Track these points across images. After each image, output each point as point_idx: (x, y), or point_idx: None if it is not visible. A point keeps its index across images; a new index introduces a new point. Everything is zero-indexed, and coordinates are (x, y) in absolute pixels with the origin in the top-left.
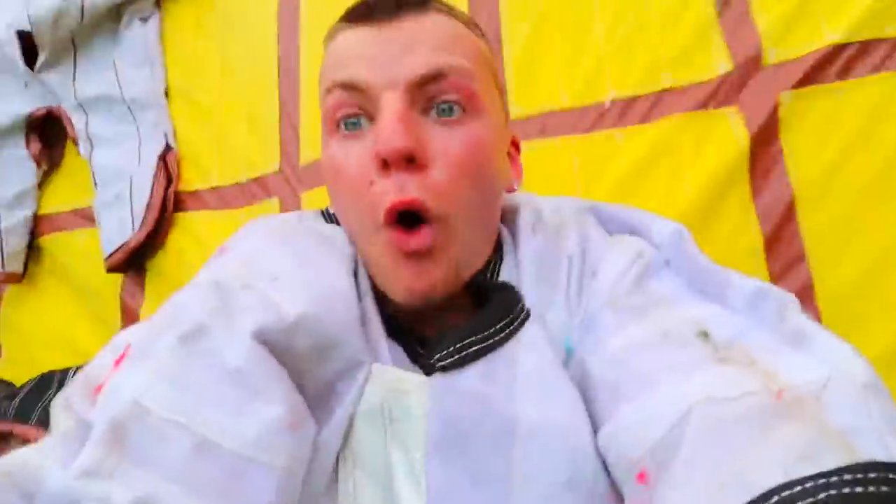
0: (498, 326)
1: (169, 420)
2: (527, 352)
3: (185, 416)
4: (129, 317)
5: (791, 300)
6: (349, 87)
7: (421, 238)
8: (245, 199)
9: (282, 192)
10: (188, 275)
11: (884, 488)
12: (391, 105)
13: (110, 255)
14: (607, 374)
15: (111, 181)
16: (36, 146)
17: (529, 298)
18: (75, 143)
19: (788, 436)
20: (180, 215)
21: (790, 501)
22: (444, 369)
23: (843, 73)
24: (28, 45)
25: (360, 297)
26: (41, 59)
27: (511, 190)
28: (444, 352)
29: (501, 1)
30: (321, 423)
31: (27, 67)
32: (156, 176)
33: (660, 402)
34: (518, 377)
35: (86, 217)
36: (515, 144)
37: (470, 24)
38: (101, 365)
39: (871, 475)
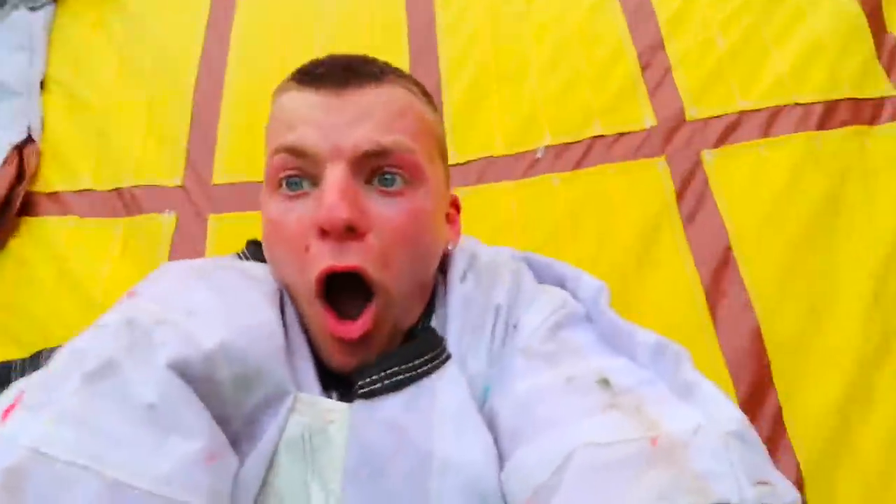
0: (420, 360)
1: (74, 464)
2: (446, 389)
3: (92, 459)
4: None
5: (685, 354)
6: (295, 151)
7: (362, 325)
8: (125, 209)
9: (181, 209)
10: (26, 293)
11: None
12: (335, 176)
13: None
14: (511, 416)
15: None
16: None
17: (453, 345)
18: None
19: (654, 479)
20: (30, 220)
21: None
22: (366, 396)
23: (765, 131)
24: None
25: (286, 329)
26: None
27: (447, 251)
28: (367, 379)
29: (441, 49)
30: (243, 457)
31: None
32: (3, 167)
33: (548, 445)
34: (436, 411)
35: None
36: (456, 205)
37: (419, 92)
38: None
39: None
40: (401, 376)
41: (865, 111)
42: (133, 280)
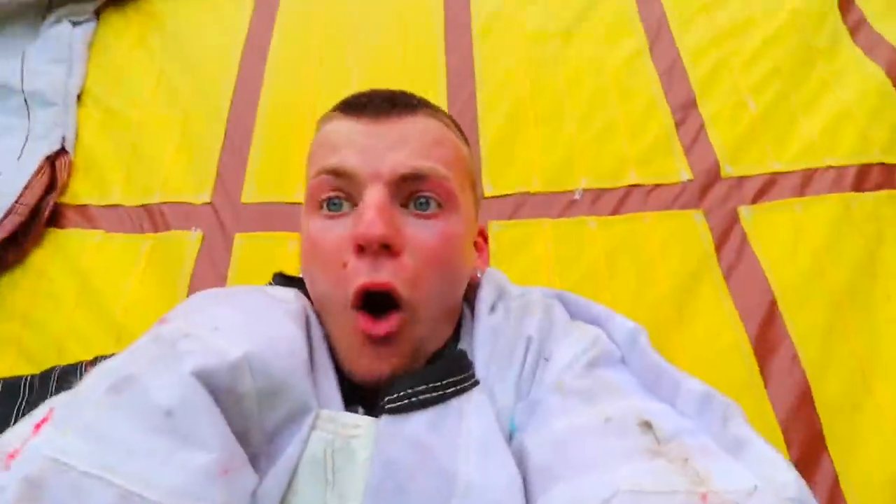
0: (449, 381)
1: (89, 474)
2: (473, 413)
3: (106, 470)
4: None
5: (735, 407)
6: (337, 172)
7: (388, 324)
8: (151, 225)
9: (207, 227)
10: (43, 306)
11: None
12: (373, 196)
13: None
14: (544, 455)
15: None
16: None
17: (480, 374)
18: None
19: None
20: (56, 231)
21: None
22: (392, 412)
23: (801, 191)
24: None
25: (311, 348)
26: None
27: (475, 277)
28: (395, 395)
29: (478, 84)
30: (263, 474)
31: None
32: (35, 176)
33: (588, 487)
34: (462, 434)
35: None
36: (483, 235)
37: (453, 126)
38: (18, 431)
39: None
40: (427, 395)
41: None
42: (155, 298)
